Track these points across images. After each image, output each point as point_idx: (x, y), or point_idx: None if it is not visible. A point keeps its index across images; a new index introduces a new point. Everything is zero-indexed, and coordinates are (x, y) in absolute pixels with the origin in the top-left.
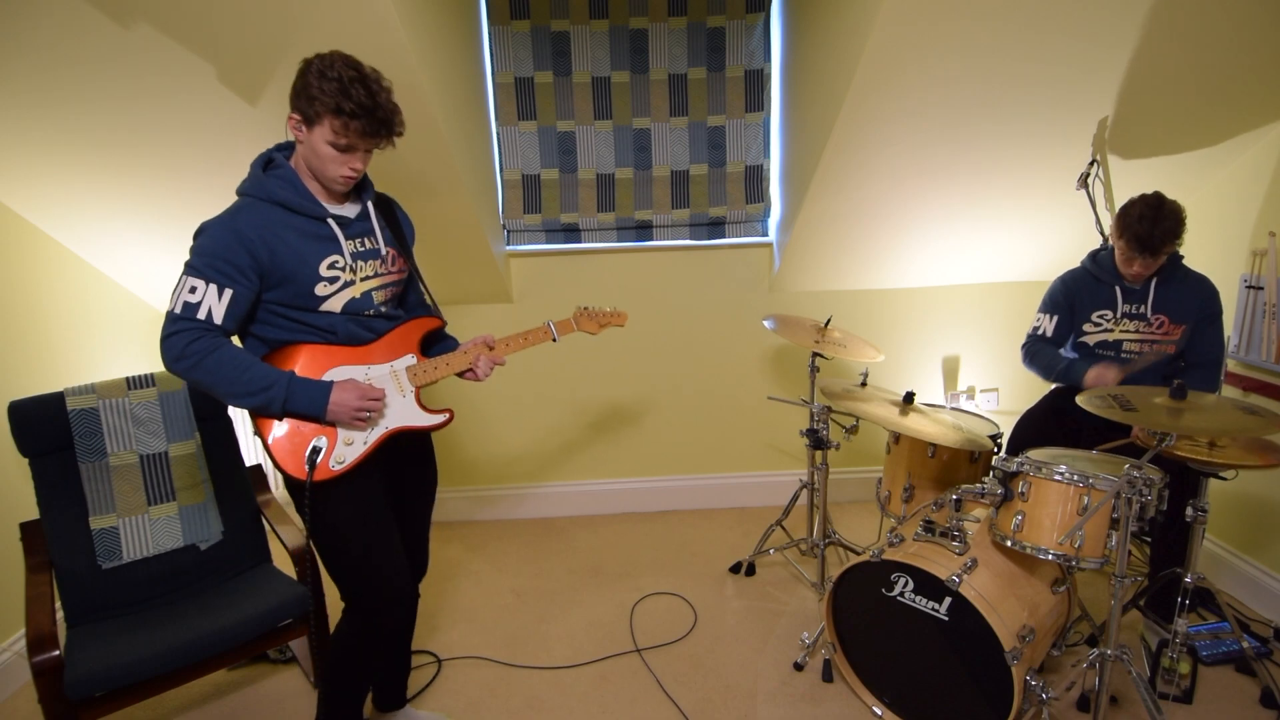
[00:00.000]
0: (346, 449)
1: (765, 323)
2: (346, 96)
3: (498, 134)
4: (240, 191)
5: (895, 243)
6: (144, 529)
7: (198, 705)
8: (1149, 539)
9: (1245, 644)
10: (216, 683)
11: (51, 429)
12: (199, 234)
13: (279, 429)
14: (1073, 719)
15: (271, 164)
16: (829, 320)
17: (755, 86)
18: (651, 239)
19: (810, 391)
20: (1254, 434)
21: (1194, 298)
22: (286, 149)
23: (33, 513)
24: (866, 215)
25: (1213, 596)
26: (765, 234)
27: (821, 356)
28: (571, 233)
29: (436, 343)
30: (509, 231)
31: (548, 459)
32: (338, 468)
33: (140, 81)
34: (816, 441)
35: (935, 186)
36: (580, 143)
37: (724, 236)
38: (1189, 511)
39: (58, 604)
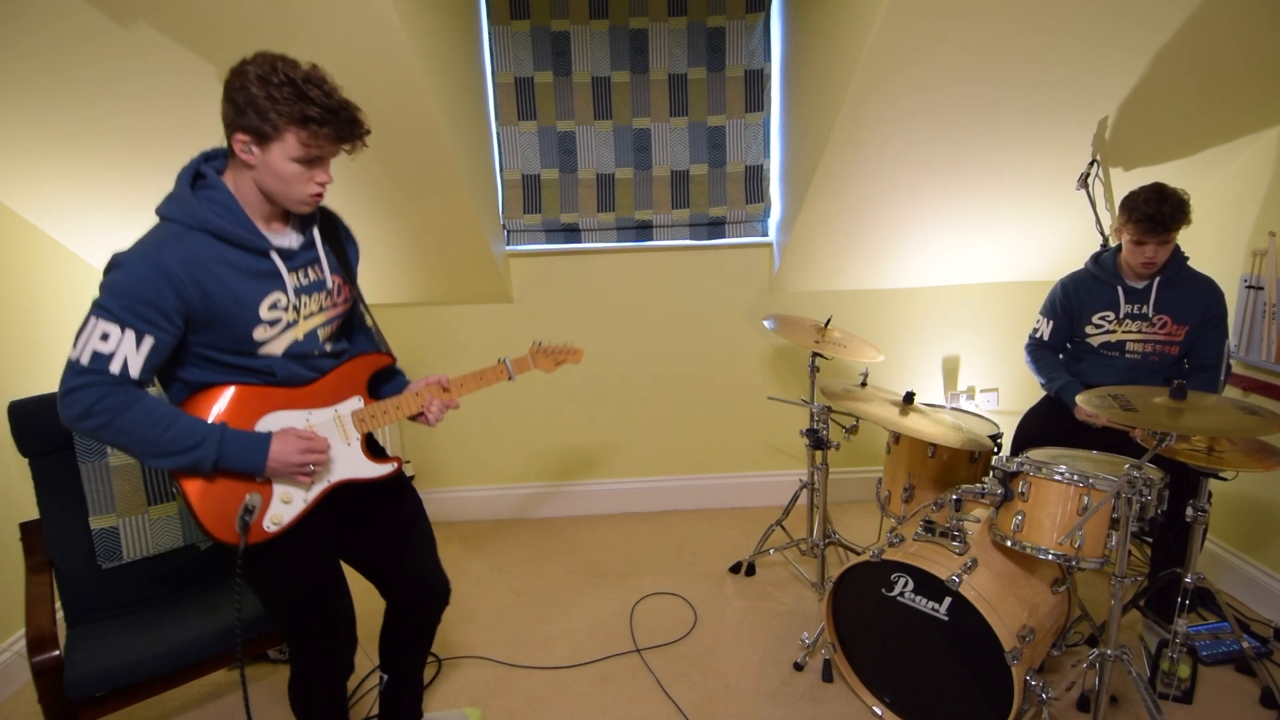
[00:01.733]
0: (284, 507)
1: (765, 323)
2: (307, 101)
3: (498, 134)
4: (163, 214)
5: (895, 243)
6: (144, 529)
7: (198, 705)
8: (1149, 539)
9: (1245, 644)
10: (216, 683)
11: (51, 429)
12: (112, 268)
13: (202, 485)
14: (1073, 719)
15: (201, 180)
16: (829, 320)
17: (755, 86)
18: (651, 239)
19: (810, 391)
20: (1254, 434)
21: (1198, 298)
22: (215, 158)
23: (33, 513)
24: (866, 215)
25: (1213, 596)
26: (765, 234)
27: (821, 356)
28: (571, 233)
29: (385, 381)
30: (509, 231)
31: (548, 459)
32: (273, 529)
33: (140, 81)
34: (816, 441)
35: (936, 186)
36: (580, 143)
37: (724, 236)
38: (1189, 511)
39: (58, 604)
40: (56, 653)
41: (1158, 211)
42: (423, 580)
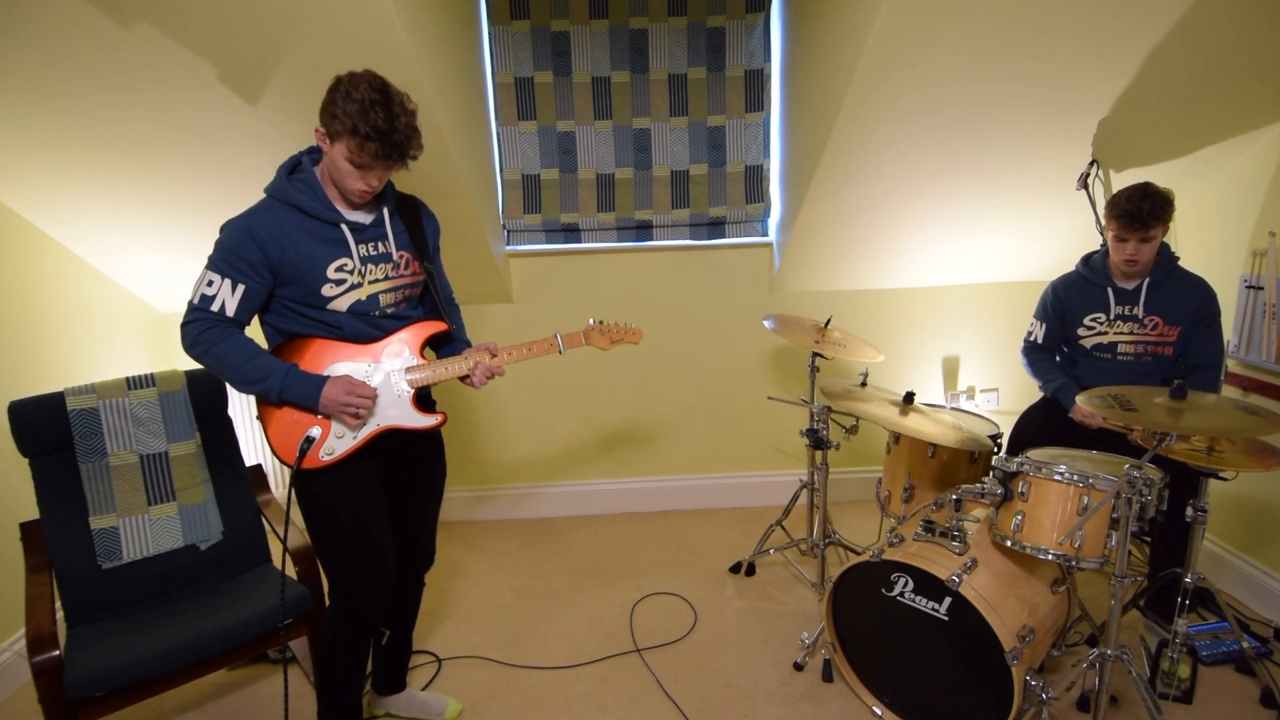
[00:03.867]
0: (337, 441)
1: (765, 323)
2: (364, 119)
3: (498, 134)
4: (266, 191)
5: (895, 243)
6: (144, 529)
7: (198, 705)
8: (1149, 539)
9: (1245, 644)
10: (216, 683)
11: (51, 429)
12: (221, 231)
13: (279, 416)
14: (1073, 719)
15: (298, 168)
16: (829, 320)
17: (755, 86)
18: (651, 239)
19: (810, 391)
20: (1254, 434)
21: (1189, 299)
22: (316, 153)
23: (33, 513)
24: (866, 215)
25: (1213, 596)
26: (765, 234)
27: (821, 356)
28: (571, 233)
29: (448, 344)
30: (509, 231)
31: (548, 459)
32: (326, 458)
33: (140, 81)
34: (816, 441)
35: (935, 186)
36: (580, 143)
37: (724, 236)
38: (1189, 511)
39: (58, 604)
40: (56, 653)
41: (1137, 208)
42: (423, 547)
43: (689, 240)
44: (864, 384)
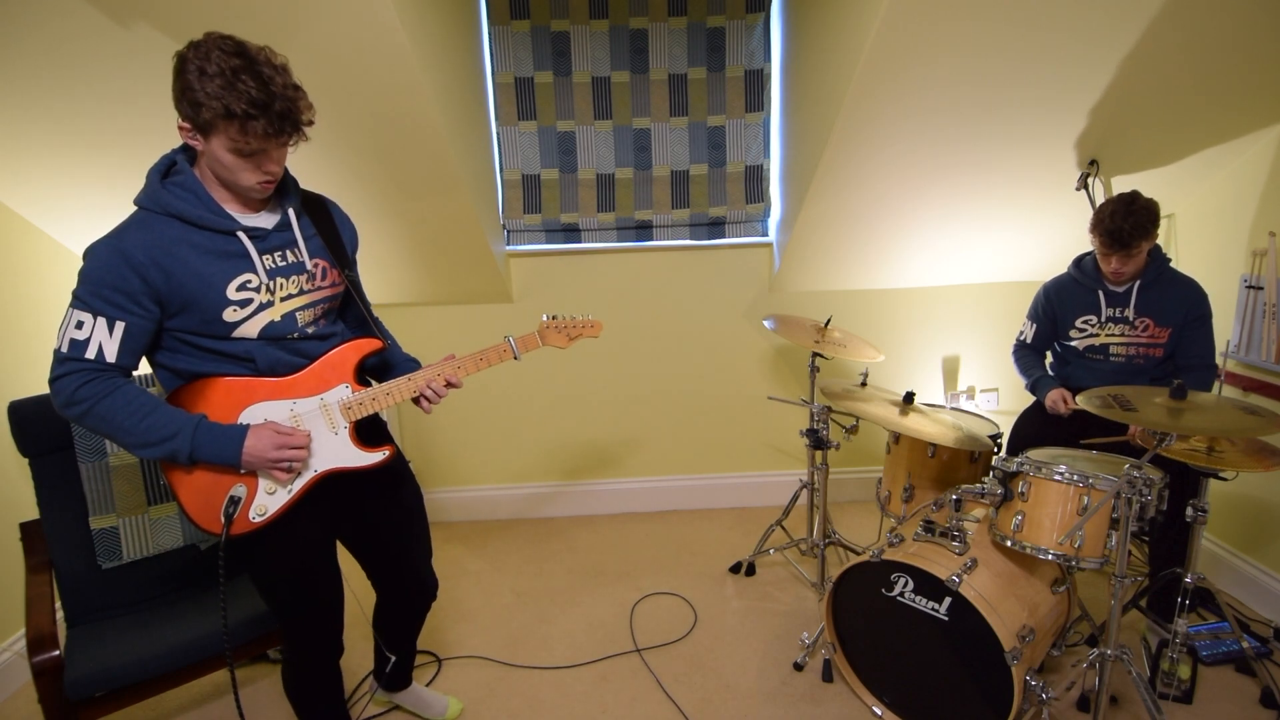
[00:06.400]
0: (269, 498)
1: (765, 323)
2: (235, 95)
3: (498, 134)
4: (136, 203)
5: (895, 243)
6: (144, 529)
7: (198, 705)
8: (1149, 539)
9: (1245, 644)
10: (216, 683)
11: (51, 429)
12: (83, 259)
13: (192, 479)
14: (1073, 719)
15: (173, 170)
16: (829, 320)
17: (755, 86)
18: (651, 239)
19: (810, 391)
20: (1254, 434)
21: (1180, 300)
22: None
23: (33, 513)
24: (866, 215)
25: (1213, 596)
26: (765, 234)
27: (821, 356)
28: (571, 233)
29: (388, 367)
30: (509, 231)
31: (548, 459)
32: (259, 519)
33: (140, 81)
34: (816, 441)
35: (935, 186)
36: (580, 143)
37: (724, 236)
38: (1189, 511)
39: (58, 604)
40: (56, 653)
41: (1118, 228)
42: (414, 579)
43: (689, 240)
44: (864, 384)
